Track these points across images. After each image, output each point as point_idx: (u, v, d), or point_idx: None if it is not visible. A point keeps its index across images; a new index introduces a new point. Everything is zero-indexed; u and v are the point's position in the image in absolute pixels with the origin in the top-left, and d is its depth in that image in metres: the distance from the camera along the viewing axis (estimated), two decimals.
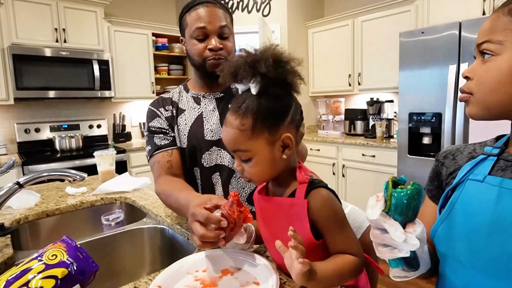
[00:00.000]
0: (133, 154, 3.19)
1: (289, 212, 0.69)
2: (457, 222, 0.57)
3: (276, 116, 0.67)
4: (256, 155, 0.67)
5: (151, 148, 1.08)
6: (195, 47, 1.03)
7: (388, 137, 3.11)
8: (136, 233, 1.15)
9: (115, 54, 3.29)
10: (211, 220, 0.67)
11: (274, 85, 0.65)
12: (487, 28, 0.53)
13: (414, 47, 2.35)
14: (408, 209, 0.48)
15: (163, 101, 1.13)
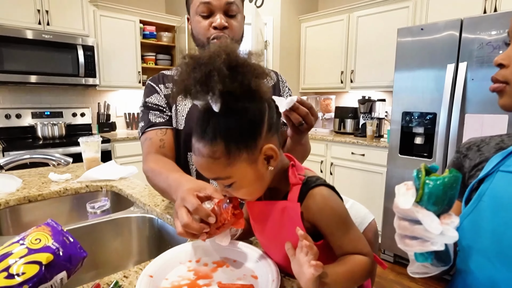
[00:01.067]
0: (118, 144, 3.08)
1: (282, 216, 0.63)
2: (485, 215, 0.54)
3: (250, 131, 0.56)
4: (239, 180, 0.58)
5: (144, 124, 1.02)
6: (199, 25, 0.97)
7: (378, 136, 3.12)
8: (123, 222, 1.09)
9: (101, 40, 3.17)
10: (199, 212, 0.61)
11: (237, 99, 0.53)
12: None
13: (412, 45, 2.34)
14: (444, 198, 0.43)
15: (163, 77, 1.07)
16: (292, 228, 0.58)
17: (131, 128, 3.72)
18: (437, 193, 0.43)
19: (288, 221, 0.62)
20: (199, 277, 0.68)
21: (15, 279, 0.45)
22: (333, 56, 3.39)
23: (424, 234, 0.44)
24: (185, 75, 0.52)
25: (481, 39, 2.01)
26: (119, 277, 0.67)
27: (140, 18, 3.42)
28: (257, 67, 0.53)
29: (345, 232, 0.61)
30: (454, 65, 2.14)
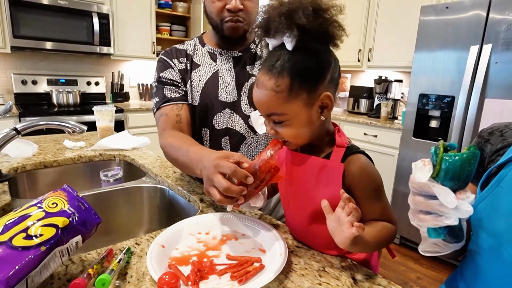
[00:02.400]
0: (131, 114, 3.11)
1: (320, 173, 0.66)
2: (502, 200, 0.53)
3: (315, 74, 0.60)
4: (292, 118, 0.61)
5: (159, 99, 1.00)
6: (213, 5, 0.94)
7: (393, 118, 3.06)
8: (135, 192, 1.12)
9: (116, 8, 3.12)
10: (238, 174, 0.59)
11: (314, 39, 0.57)
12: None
13: (435, 24, 2.23)
14: (461, 174, 0.44)
15: (177, 52, 1.05)
16: (329, 186, 0.63)
17: (144, 99, 3.74)
18: (455, 169, 0.43)
19: (327, 179, 0.64)
20: (208, 249, 0.70)
21: (33, 240, 0.47)
22: (352, 33, 3.27)
23: (438, 208, 0.44)
24: (271, 10, 0.57)
25: (510, 20, 1.90)
26: (131, 244, 0.69)
27: None
28: (337, 18, 0.57)
29: (378, 199, 0.65)
30: (478, 47, 2.04)
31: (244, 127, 1.02)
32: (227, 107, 1.01)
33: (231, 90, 1.01)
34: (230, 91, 1.01)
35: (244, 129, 1.02)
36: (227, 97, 1.01)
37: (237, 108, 1.01)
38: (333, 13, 0.57)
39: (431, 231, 0.47)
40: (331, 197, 0.62)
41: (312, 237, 0.72)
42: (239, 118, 1.01)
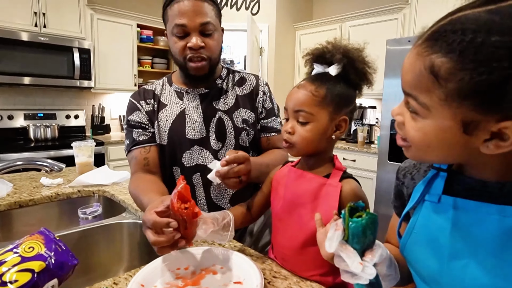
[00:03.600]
0: (111, 147, 3.09)
1: (318, 191, 0.72)
2: (419, 247, 0.55)
3: (344, 99, 0.72)
4: (315, 121, 0.71)
5: (129, 143, 1.04)
6: (176, 45, 0.96)
7: (369, 142, 3.18)
8: (115, 228, 1.11)
9: (97, 43, 3.18)
10: (157, 225, 0.64)
11: (353, 74, 0.71)
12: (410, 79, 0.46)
13: (400, 55, 2.41)
14: (364, 238, 0.50)
15: (144, 93, 1.07)
16: (325, 203, 0.70)
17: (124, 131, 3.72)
18: (358, 233, 0.49)
19: (324, 196, 0.71)
20: (187, 284, 0.71)
21: (8, 286, 0.48)
22: None
23: (348, 270, 0.49)
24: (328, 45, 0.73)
25: None
26: (109, 284, 0.69)
27: (137, 22, 3.45)
28: (372, 66, 0.73)
29: None
30: None
31: None
32: (195, 144, 1.03)
33: (198, 127, 1.03)
34: (198, 128, 1.02)
35: None
36: (195, 134, 1.02)
37: (206, 144, 1.03)
38: (371, 67, 0.73)
39: (355, 285, 0.51)
40: (327, 215, 0.66)
41: (302, 261, 0.75)
42: (208, 153, 1.03)
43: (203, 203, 1.05)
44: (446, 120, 0.42)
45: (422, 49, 0.43)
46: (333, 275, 0.74)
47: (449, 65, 0.39)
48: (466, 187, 0.51)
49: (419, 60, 0.43)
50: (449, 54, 0.39)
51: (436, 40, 0.41)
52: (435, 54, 0.41)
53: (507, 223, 0.45)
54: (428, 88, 0.42)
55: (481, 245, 0.47)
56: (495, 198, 0.48)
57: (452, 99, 0.40)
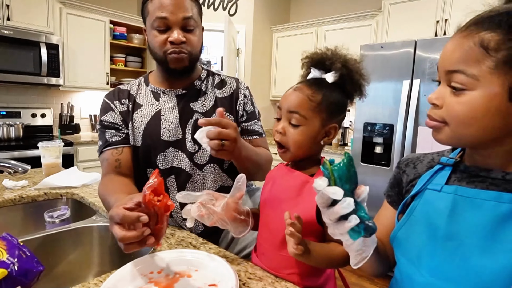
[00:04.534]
0: (81, 147, 2.97)
1: (302, 187, 0.74)
2: (416, 228, 0.60)
3: (338, 107, 0.74)
4: (307, 125, 0.72)
5: (102, 143, 1.01)
6: (156, 39, 0.93)
7: (343, 144, 3.25)
8: (84, 232, 1.07)
9: (67, 39, 3.05)
10: (128, 219, 0.61)
11: (351, 83, 0.73)
12: (457, 56, 0.50)
13: (373, 60, 2.49)
14: (350, 175, 0.51)
15: (119, 93, 1.04)
16: (308, 200, 0.71)
17: (96, 131, 3.59)
18: (344, 173, 0.51)
19: (307, 193, 0.72)
20: None
21: None
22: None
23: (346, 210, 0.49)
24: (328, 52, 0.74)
25: (432, 59, 2.18)
26: None
27: (110, 19, 3.34)
28: (367, 79, 0.76)
29: None
30: (409, 81, 2.30)
31: (190, 165, 1.01)
32: (170, 146, 1.00)
33: (174, 129, 1.00)
34: (173, 130, 1.00)
35: (190, 167, 1.01)
36: (170, 136, 1.00)
37: (182, 146, 1.01)
38: (365, 79, 0.76)
39: (352, 234, 0.51)
40: (307, 211, 0.70)
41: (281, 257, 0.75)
42: (184, 156, 1.01)
43: (177, 206, 1.03)
44: (495, 86, 0.48)
45: (468, 32, 0.50)
46: (313, 276, 0.75)
47: (499, 37, 0.46)
48: (470, 174, 0.57)
49: (467, 39, 0.49)
50: (498, 29, 0.47)
51: (483, 23, 0.49)
52: (484, 31, 0.48)
53: (502, 208, 0.51)
54: (478, 60, 0.48)
55: (475, 228, 0.52)
56: (496, 185, 0.54)
57: (502, 67, 0.47)
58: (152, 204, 0.61)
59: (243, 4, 3.49)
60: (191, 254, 0.80)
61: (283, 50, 3.70)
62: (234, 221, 0.78)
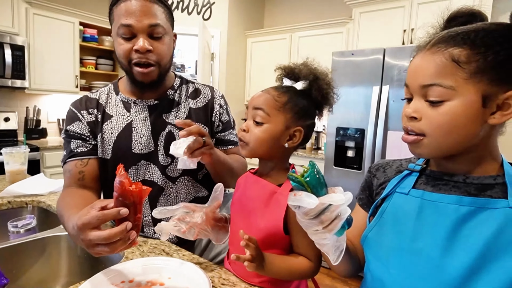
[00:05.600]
0: (48, 153, 2.85)
1: (270, 198, 0.74)
2: (386, 230, 0.63)
3: (303, 112, 0.75)
4: (270, 123, 0.73)
5: (66, 154, 0.96)
6: (121, 47, 0.88)
7: (317, 148, 3.32)
8: (52, 242, 1.03)
9: (33, 40, 2.92)
10: (109, 216, 0.59)
11: (317, 93, 0.75)
12: (432, 71, 0.54)
13: (345, 67, 2.56)
14: (320, 180, 0.55)
15: (87, 101, 0.99)
16: (275, 211, 0.72)
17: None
18: (315, 180, 0.54)
19: (274, 204, 0.73)
20: None
21: None
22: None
23: (337, 211, 0.54)
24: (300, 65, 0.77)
25: (400, 66, 2.29)
26: None
27: (80, 20, 3.24)
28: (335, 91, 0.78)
29: (306, 236, 0.71)
30: (378, 87, 2.39)
31: (162, 178, 0.99)
32: (142, 159, 0.97)
33: (146, 141, 0.97)
34: (145, 142, 0.97)
35: (162, 180, 0.99)
36: (142, 149, 0.97)
37: (154, 159, 0.98)
38: (333, 90, 0.77)
39: (338, 231, 0.55)
40: (273, 222, 0.71)
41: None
42: (156, 169, 0.98)
43: (149, 220, 1.00)
44: (471, 94, 0.52)
45: (436, 49, 0.55)
46: (284, 283, 0.76)
47: (467, 52, 0.52)
48: (435, 178, 0.62)
49: (437, 55, 0.54)
50: (464, 45, 0.52)
51: (448, 41, 0.54)
52: (451, 48, 0.53)
53: (461, 211, 0.55)
54: (452, 72, 0.52)
55: (438, 230, 0.57)
56: (458, 187, 0.58)
57: (474, 76, 0.52)
58: (131, 192, 0.60)
59: (218, 8, 3.50)
60: (164, 261, 0.80)
61: (257, 55, 3.74)
62: (214, 229, 0.80)
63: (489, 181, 0.57)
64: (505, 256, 0.51)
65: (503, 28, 0.53)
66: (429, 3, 2.52)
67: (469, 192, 0.57)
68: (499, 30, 0.52)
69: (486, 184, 0.57)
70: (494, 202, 0.54)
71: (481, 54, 0.51)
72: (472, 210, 0.55)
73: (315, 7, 3.60)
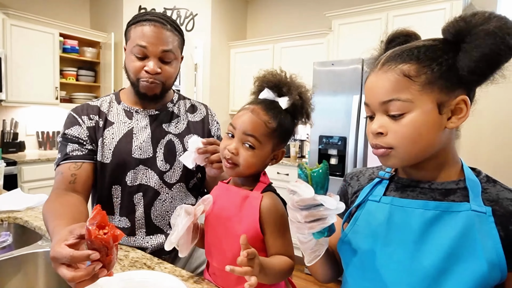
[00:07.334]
0: (26, 166, 2.76)
1: (242, 203, 0.76)
2: (359, 236, 0.65)
3: (288, 134, 0.79)
4: (259, 149, 0.75)
5: (61, 156, 0.97)
6: (132, 64, 0.96)
7: (301, 156, 3.36)
8: (28, 259, 1.00)
9: (10, 51, 2.86)
10: (77, 259, 0.58)
11: (301, 112, 0.77)
12: (387, 87, 0.57)
13: (325, 76, 2.62)
14: (324, 183, 0.56)
15: (88, 108, 1.03)
16: (248, 214, 0.74)
17: (44, 148, 3.38)
18: (320, 180, 0.56)
19: (248, 207, 0.74)
20: None
21: None
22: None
23: (324, 213, 0.56)
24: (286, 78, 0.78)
25: None
26: None
27: (60, 31, 3.19)
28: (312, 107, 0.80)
29: (282, 236, 0.75)
30: (358, 96, 2.45)
31: (159, 183, 1.03)
32: (141, 164, 1.01)
33: (145, 147, 1.02)
34: (145, 148, 1.02)
35: (159, 185, 1.03)
36: (142, 154, 1.01)
37: (152, 165, 1.02)
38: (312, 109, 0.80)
39: (317, 234, 0.57)
40: (250, 225, 0.72)
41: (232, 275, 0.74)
42: (153, 174, 1.02)
43: (142, 223, 1.02)
44: (427, 103, 0.56)
45: (387, 67, 0.58)
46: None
47: (415, 67, 0.56)
48: (403, 185, 0.65)
49: (389, 72, 0.58)
50: (411, 60, 0.57)
51: (396, 59, 0.58)
52: (400, 64, 0.57)
53: (427, 215, 0.58)
54: (406, 86, 0.56)
55: (407, 234, 0.59)
56: (424, 193, 0.62)
57: (427, 87, 0.55)
58: (99, 239, 0.58)
59: (200, 19, 3.53)
60: (145, 275, 0.79)
61: (241, 66, 3.77)
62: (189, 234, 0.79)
63: (452, 186, 0.60)
64: (469, 257, 0.54)
65: (439, 42, 0.58)
66: (403, 16, 2.62)
67: (434, 197, 0.60)
68: (437, 44, 0.58)
69: (449, 189, 0.60)
70: (457, 205, 0.57)
71: (427, 67, 0.55)
72: (437, 213, 0.58)
73: (297, 18, 3.67)
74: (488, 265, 0.53)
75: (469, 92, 0.58)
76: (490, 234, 0.54)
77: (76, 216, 0.82)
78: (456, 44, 0.55)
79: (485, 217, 0.55)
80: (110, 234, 0.60)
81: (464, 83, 0.56)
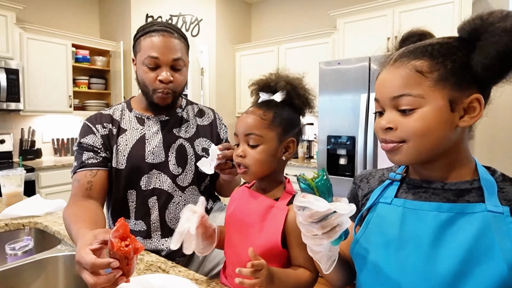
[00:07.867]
0: (43, 173, 2.87)
1: (267, 212, 0.75)
2: (372, 240, 0.64)
3: (291, 122, 0.78)
4: (264, 143, 0.75)
5: (77, 164, 1.02)
6: (146, 75, 1.01)
7: (309, 157, 3.37)
8: (49, 263, 1.05)
9: (27, 63, 2.98)
10: (97, 267, 0.61)
11: (298, 98, 0.77)
12: (399, 83, 0.57)
13: (332, 75, 2.61)
14: (329, 188, 0.56)
15: (101, 117, 1.08)
16: (272, 225, 0.73)
17: (60, 155, 3.49)
18: (326, 187, 0.55)
19: (272, 218, 0.74)
20: None
21: None
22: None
23: (339, 219, 0.54)
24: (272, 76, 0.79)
25: None
26: None
27: (72, 42, 3.30)
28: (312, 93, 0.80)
29: (305, 248, 0.73)
30: (366, 95, 2.44)
31: (172, 186, 1.07)
32: (154, 168, 1.06)
33: (158, 152, 1.06)
34: (157, 153, 1.06)
35: (172, 188, 1.07)
36: (154, 159, 1.06)
37: (165, 169, 1.06)
38: (311, 93, 0.80)
39: (335, 241, 0.55)
40: (272, 236, 0.72)
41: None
42: (166, 177, 1.06)
43: (157, 226, 1.07)
44: (439, 100, 0.55)
45: (399, 63, 0.58)
46: None
47: (427, 63, 0.56)
48: (415, 186, 0.63)
49: (401, 68, 0.58)
50: (424, 57, 0.57)
51: (409, 55, 0.58)
52: (413, 60, 0.57)
53: (441, 218, 0.57)
54: (418, 82, 0.56)
55: (421, 237, 0.58)
56: (437, 194, 0.60)
57: (439, 84, 0.55)
58: (121, 251, 0.62)
59: (205, 24, 3.58)
60: (160, 278, 0.81)
61: (246, 68, 3.80)
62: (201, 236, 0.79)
63: (466, 186, 0.58)
64: (487, 259, 0.52)
65: (454, 40, 0.57)
66: (410, 11, 2.60)
67: (447, 198, 0.58)
68: (451, 42, 0.57)
69: (463, 189, 0.58)
70: (472, 206, 0.56)
71: (440, 63, 0.55)
72: (452, 216, 0.56)
73: (301, 19, 3.69)
74: (508, 267, 0.51)
75: (483, 91, 0.56)
76: (508, 235, 0.52)
77: (94, 219, 0.88)
78: (471, 42, 0.54)
79: (503, 217, 0.53)
80: (131, 246, 0.64)
81: (478, 81, 0.55)
